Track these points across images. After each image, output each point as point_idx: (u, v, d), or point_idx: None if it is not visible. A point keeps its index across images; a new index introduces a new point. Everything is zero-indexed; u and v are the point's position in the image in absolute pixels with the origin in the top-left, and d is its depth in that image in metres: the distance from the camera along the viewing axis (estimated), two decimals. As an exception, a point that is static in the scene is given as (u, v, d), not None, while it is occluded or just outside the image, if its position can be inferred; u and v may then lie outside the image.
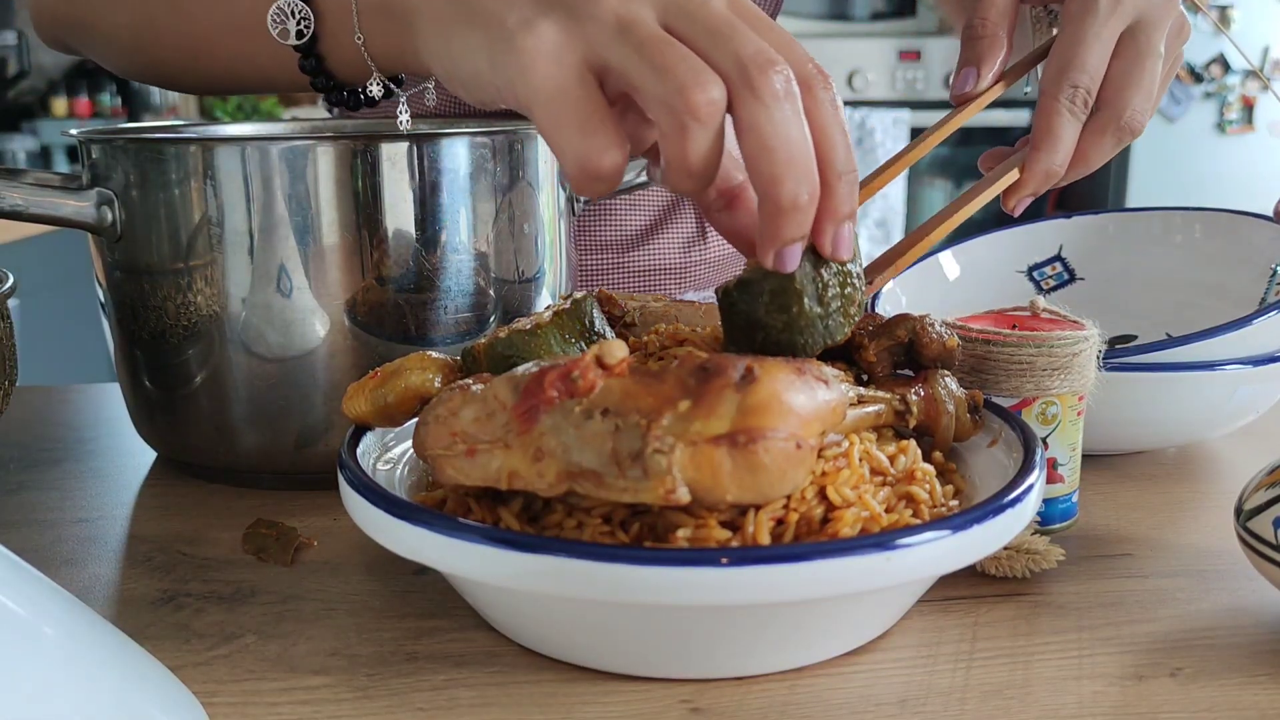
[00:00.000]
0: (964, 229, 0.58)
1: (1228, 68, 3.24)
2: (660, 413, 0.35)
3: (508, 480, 0.37)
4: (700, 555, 0.34)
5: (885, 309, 0.68)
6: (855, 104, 3.30)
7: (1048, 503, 0.49)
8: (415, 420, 0.42)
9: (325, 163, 0.53)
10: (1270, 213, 0.68)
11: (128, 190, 0.55)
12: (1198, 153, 3.30)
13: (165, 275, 0.56)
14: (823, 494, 0.39)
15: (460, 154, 0.56)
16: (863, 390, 0.43)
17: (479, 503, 0.41)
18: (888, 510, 0.40)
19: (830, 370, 0.38)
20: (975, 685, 0.39)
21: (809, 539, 0.38)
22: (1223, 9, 3.15)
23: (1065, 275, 0.75)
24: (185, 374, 0.57)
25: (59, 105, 3.66)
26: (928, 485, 0.41)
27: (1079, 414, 0.48)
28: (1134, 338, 0.69)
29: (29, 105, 3.68)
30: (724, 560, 0.34)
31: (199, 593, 0.47)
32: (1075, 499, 0.50)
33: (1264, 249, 0.67)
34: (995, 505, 0.37)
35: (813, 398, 0.36)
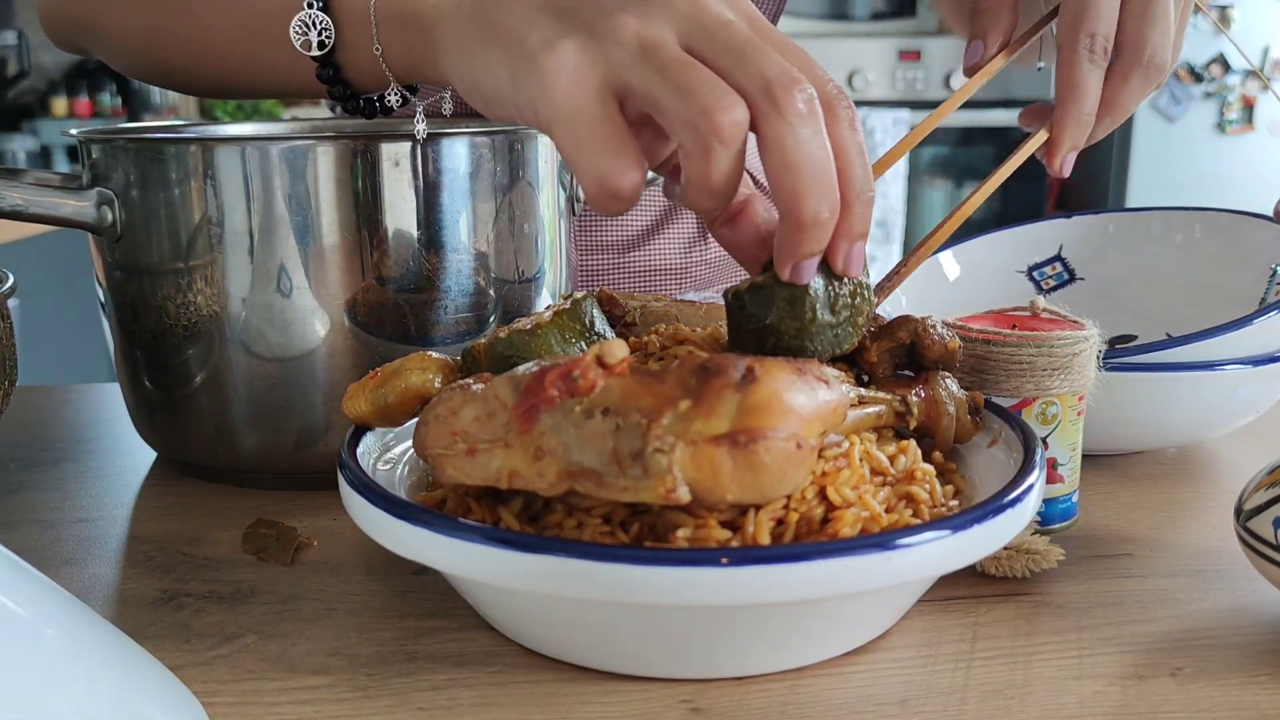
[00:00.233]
0: (964, 229, 0.58)
1: (1228, 68, 3.24)
2: (661, 412, 0.35)
3: (508, 480, 0.37)
4: (700, 555, 0.34)
5: (886, 310, 0.68)
6: (855, 104, 3.29)
7: (1048, 503, 0.49)
8: (415, 420, 0.42)
9: (325, 163, 0.53)
10: (1270, 213, 0.68)
11: (128, 190, 0.55)
12: (1198, 153, 3.30)
13: (165, 275, 0.56)
14: (823, 494, 0.39)
15: (460, 154, 0.56)
16: (863, 391, 0.43)
17: (479, 503, 0.41)
18: (888, 510, 0.40)
19: (831, 371, 0.38)
20: (975, 685, 0.39)
21: (809, 539, 0.38)
22: (1223, 9, 3.15)
23: (1065, 275, 0.75)
24: (185, 374, 0.57)
25: (59, 105, 3.66)
26: (928, 485, 0.41)
27: (1079, 414, 0.48)
28: (1134, 338, 0.69)
29: (29, 105, 3.68)
30: (724, 560, 0.34)
31: (199, 593, 0.47)
32: (1075, 499, 0.50)
33: (1264, 249, 0.67)
34: (995, 505, 0.37)
35: (813, 398, 0.36)
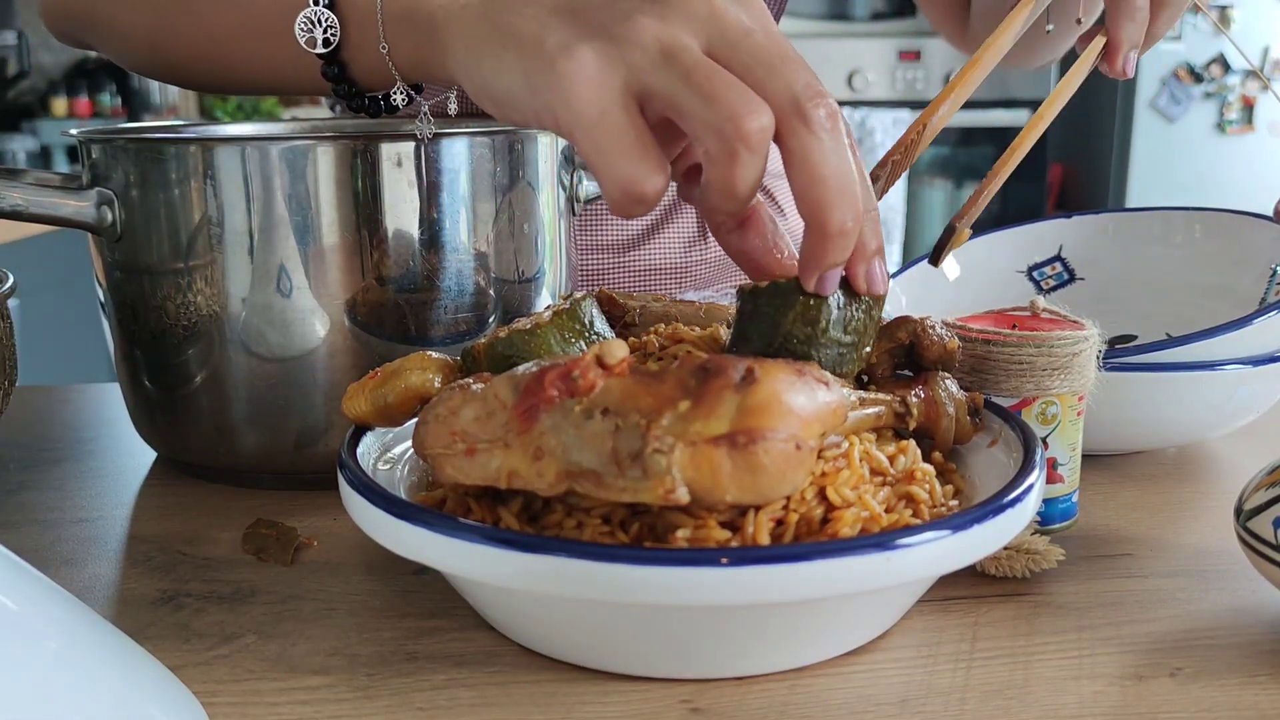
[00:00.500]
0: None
1: (1228, 68, 3.24)
2: (660, 413, 0.35)
3: (507, 479, 0.37)
4: (700, 555, 0.34)
5: (886, 311, 0.68)
6: (855, 104, 3.29)
7: (1048, 503, 0.49)
8: (415, 420, 0.42)
9: (325, 163, 0.53)
10: (1270, 213, 0.68)
11: (128, 190, 0.55)
12: (1198, 153, 3.30)
13: (165, 275, 0.56)
14: (822, 494, 0.39)
15: (460, 154, 0.56)
16: (863, 392, 0.43)
17: (479, 503, 0.41)
18: (887, 510, 0.40)
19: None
20: (975, 685, 0.39)
21: (809, 539, 0.38)
22: (1223, 9, 3.15)
23: (1065, 275, 0.75)
24: (185, 374, 0.57)
25: (59, 105, 3.66)
26: (927, 485, 0.41)
27: (1079, 414, 0.48)
28: (1134, 338, 0.69)
29: (29, 105, 3.68)
30: (724, 560, 0.34)
31: (199, 593, 0.47)
32: (1075, 499, 0.50)
33: (1264, 249, 0.67)
34: (995, 505, 0.37)
35: (813, 399, 0.36)
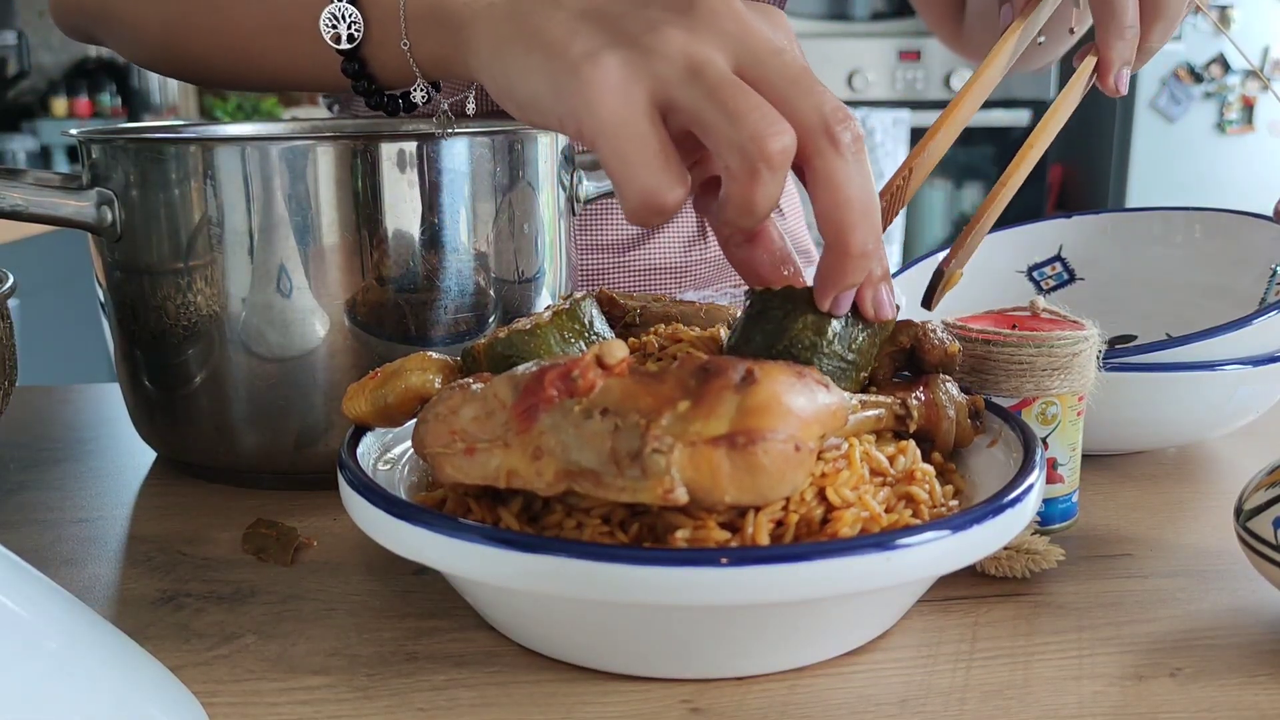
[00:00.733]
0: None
1: (1228, 68, 3.24)
2: (659, 413, 0.35)
3: (506, 479, 0.37)
4: (700, 555, 0.34)
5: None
6: (855, 104, 3.29)
7: (1048, 503, 0.49)
8: (415, 420, 0.42)
9: (325, 163, 0.53)
10: (1270, 213, 0.68)
11: (128, 190, 0.55)
12: (1198, 153, 3.30)
13: (165, 275, 0.56)
14: (822, 495, 0.39)
15: (460, 154, 0.56)
16: (863, 395, 0.43)
17: (479, 503, 0.41)
18: (887, 510, 0.40)
19: (830, 372, 0.38)
20: (975, 685, 0.39)
21: (808, 539, 0.38)
22: (1223, 9, 3.15)
23: (1065, 275, 0.75)
24: (185, 374, 0.57)
25: (59, 105, 3.66)
26: (927, 485, 0.41)
27: (1079, 414, 0.48)
28: (1134, 338, 0.69)
29: (29, 105, 3.68)
30: (723, 560, 0.34)
31: (199, 593, 0.47)
32: (1075, 499, 0.50)
33: (1264, 249, 0.67)
34: (995, 505, 0.37)
35: (812, 400, 0.36)
